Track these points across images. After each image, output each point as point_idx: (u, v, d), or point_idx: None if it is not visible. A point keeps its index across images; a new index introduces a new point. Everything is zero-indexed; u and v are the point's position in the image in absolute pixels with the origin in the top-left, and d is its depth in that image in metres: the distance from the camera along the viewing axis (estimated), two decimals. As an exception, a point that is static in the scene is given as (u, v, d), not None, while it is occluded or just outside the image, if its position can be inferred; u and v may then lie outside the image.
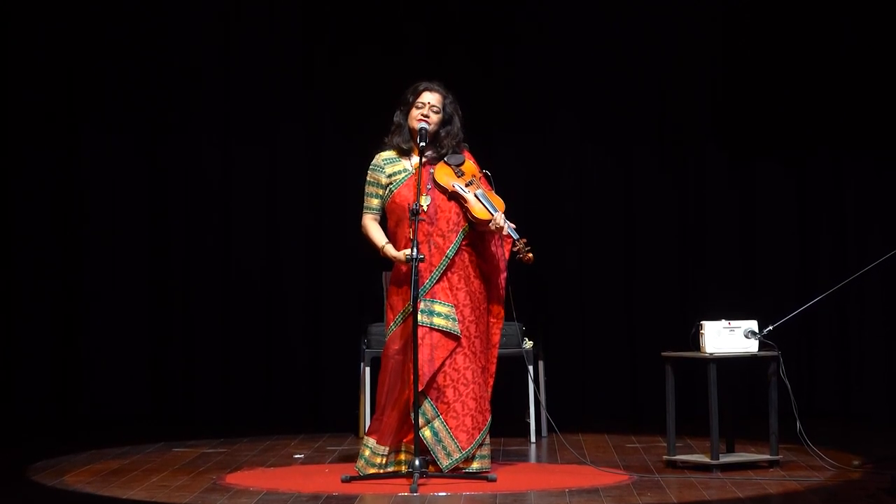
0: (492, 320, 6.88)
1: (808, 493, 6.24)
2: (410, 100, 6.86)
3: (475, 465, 6.70)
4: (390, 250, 6.75)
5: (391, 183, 6.83)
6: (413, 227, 6.52)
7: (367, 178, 6.90)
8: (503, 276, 6.86)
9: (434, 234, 6.75)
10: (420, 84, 6.88)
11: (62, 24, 9.58)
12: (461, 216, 6.78)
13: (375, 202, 6.87)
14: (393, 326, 6.78)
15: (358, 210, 6.93)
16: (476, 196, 6.75)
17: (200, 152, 9.65)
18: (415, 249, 6.47)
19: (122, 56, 9.59)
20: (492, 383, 6.87)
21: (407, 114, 6.87)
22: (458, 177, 6.80)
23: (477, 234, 6.82)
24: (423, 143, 6.76)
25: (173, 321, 9.61)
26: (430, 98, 6.83)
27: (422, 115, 6.81)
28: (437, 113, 6.83)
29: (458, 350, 6.71)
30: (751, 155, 9.70)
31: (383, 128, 6.97)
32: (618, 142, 9.70)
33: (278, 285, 9.66)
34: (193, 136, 9.65)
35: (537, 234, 6.99)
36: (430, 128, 6.83)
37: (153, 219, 9.65)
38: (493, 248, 6.85)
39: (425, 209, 6.71)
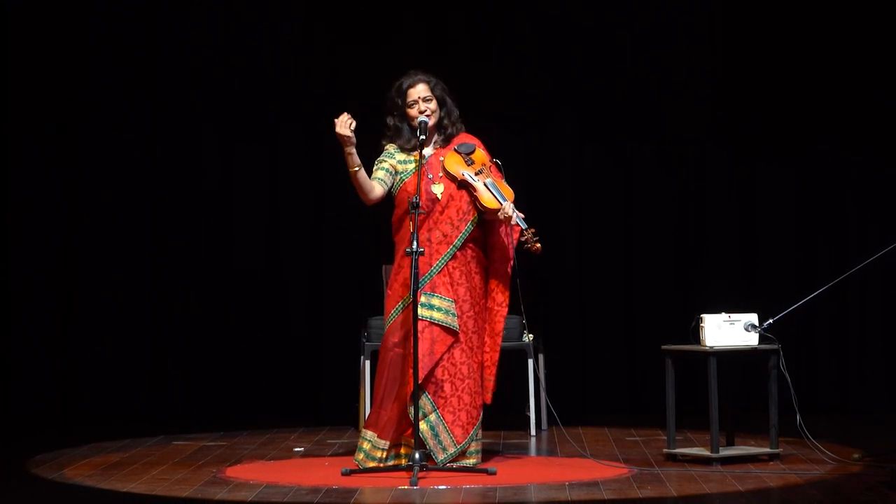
0: (495, 308, 6.87)
1: (807, 487, 6.24)
2: (400, 102, 6.85)
3: (471, 461, 6.71)
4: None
5: (402, 171, 6.83)
6: (413, 220, 6.52)
7: (378, 159, 6.88)
8: (510, 264, 6.86)
9: (443, 223, 6.75)
10: (403, 83, 6.87)
11: (62, 22, 9.56)
12: (472, 205, 6.79)
13: (381, 174, 6.82)
14: (394, 314, 6.78)
15: (358, 203, 6.92)
16: (485, 185, 6.76)
17: (201, 148, 9.65)
18: (414, 243, 6.47)
19: (123, 55, 9.58)
20: (494, 371, 6.87)
21: (403, 115, 6.87)
22: (468, 165, 6.81)
23: (486, 222, 6.83)
24: (422, 137, 6.77)
25: (174, 314, 9.61)
26: (419, 91, 6.83)
27: (418, 111, 6.81)
28: (430, 101, 6.83)
29: (455, 345, 6.72)
30: (750, 151, 9.69)
31: (382, 123, 6.97)
32: (617, 138, 9.69)
33: (279, 279, 9.66)
34: (194, 132, 9.64)
35: (538, 228, 6.98)
36: (432, 120, 6.84)
37: (153, 213, 9.65)
38: (502, 238, 6.86)
39: (439, 197, 6.73)
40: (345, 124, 6.63)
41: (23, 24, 9.58)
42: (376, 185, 6.79)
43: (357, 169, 6.68)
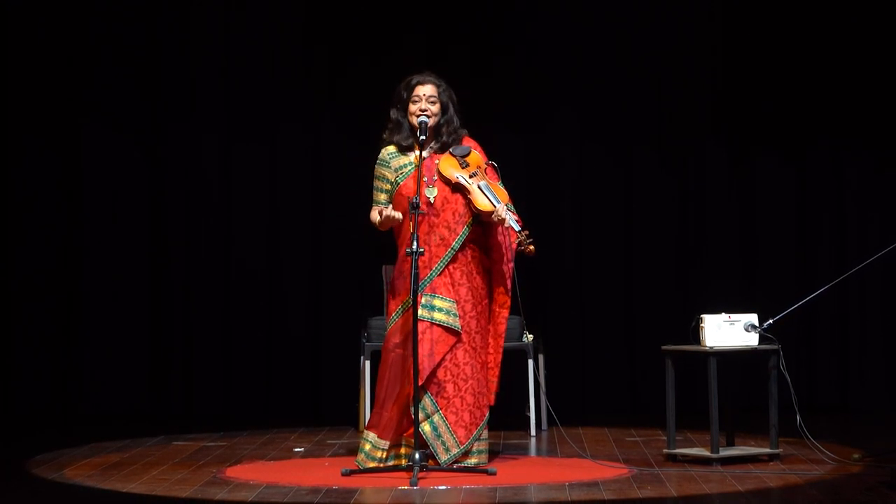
0: (496, 309, 6.88)
1: (807, 487, 6.24)
2: (405, 95, 6.85)
3: (472, 460, 6.72)
4: (385, 210, 6.71)
5: (398, 176, 6.83)
6: (413, 220, 6.52)
7: (375, 174, 6.91)
8: (509, 265, 6.87)
9: (440, 226, 6.75)
10: (413, 78, 6.88)
11: (62, 22, 9.56)
12: (467, 208, 6.79)
13: (383, 197, 6.88)
14: (395, 317, 6.78)
15: (358, 203, 6.93)
16: (479, 187, 6.76)
17: (201, 148, 9.65)
18: (414, 243, 6.47)
19: (123, 55, 9.58)
20: (498, 373, 6.87)
21: (405, 110, 6.87)
22: (463, 168, 6.81)
23: (485, 224, 6.83)
24: (422, 137, 6.77)
25: (173, 314, 9.61)
26: (426, 90, 6.83)
27: (420, 109, 6.81)
28: (434, 104, 6.83)
29: (458, 345, 6.71)
30: (750, 151, 9.69)
31: (383, 124, 6.97)
32: (617, 138, 9.69)
33: (278, 279, 9.65)
34: (194, 132, 9.63)
35: (538, 229, 6.99)
36: (431, 121, 6.84)
37: (153, 213, 9.65)
38: (500, 238, 6.86)
39: (432, 201, 6.73)
40: (390, 220, 6.72)
41: (23, 24, 9.58)
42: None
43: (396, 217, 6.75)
